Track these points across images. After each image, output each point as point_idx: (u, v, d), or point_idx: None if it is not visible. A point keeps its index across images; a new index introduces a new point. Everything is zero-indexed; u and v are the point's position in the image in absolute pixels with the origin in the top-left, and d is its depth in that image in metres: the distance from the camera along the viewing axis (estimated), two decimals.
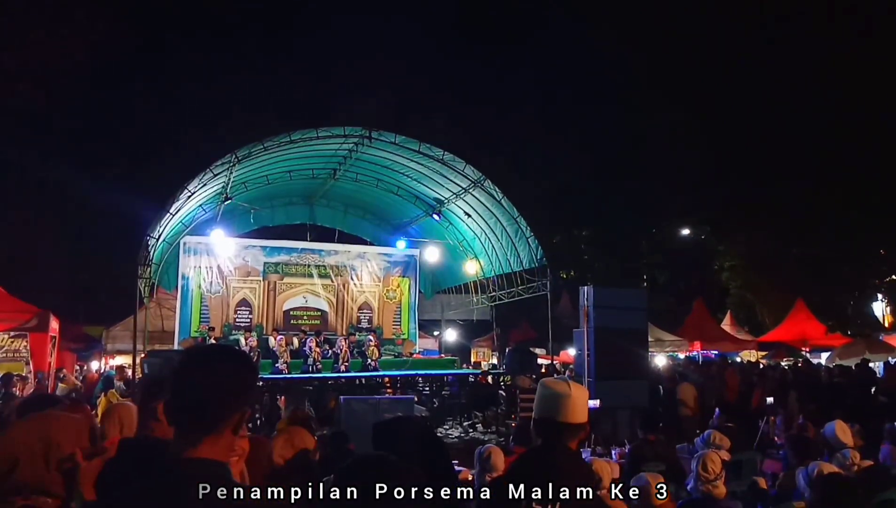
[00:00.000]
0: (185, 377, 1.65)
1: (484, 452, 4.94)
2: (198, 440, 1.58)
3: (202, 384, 1.62)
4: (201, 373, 1.65)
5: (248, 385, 1.71)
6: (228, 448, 1.65)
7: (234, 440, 1.66)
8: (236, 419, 1.64)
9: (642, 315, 12.14)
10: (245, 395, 1.69)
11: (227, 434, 1.63)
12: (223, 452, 1.62)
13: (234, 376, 1.67)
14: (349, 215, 20.75)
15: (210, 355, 1.78)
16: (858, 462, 4.95)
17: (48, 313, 13.76)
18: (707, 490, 4.19)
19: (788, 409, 11.46)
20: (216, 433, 1.60)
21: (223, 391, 1.62)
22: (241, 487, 1.60)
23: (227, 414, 1.62)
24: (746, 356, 23.13)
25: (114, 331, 17.58)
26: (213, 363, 1.69)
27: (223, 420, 1.61)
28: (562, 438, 2.42)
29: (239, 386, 1.67)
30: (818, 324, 23.08)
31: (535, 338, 21.12)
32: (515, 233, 17.20)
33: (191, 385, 1.63)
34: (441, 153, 15.87)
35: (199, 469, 1.56)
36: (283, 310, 18.47)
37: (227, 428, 1.62)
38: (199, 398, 1.60)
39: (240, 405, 1.65)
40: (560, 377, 2.67)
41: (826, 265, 30.54)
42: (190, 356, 1.74)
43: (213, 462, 1.59)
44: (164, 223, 14.53)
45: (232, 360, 1.73)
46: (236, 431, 1.65)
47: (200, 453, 1.58)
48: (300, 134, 14.43)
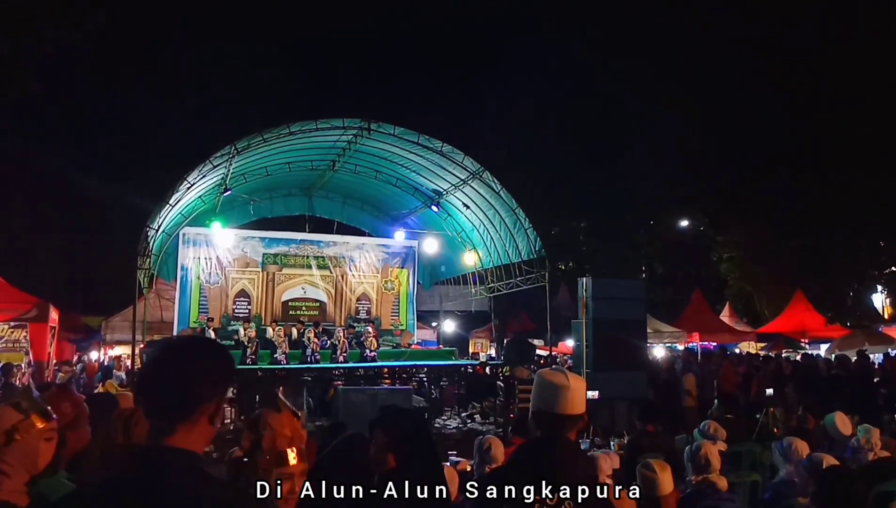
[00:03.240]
0: (159, 367, 1.66)
1: (484, 443, 4.94)
2: (172, 429, 1.58)
3: (176, 372, 1.63)
4: (175, 362, 1.66)
5: (221, 374, 1.71)
6: (204, 437, 1.65)
7: (211, 431, 1.67)
8: (212, 409, 1.64)
9: (641, 306, 12.17)
10: (219, 384, 1.69)
11: (203, 424, 1.63)
12: (198, 442, 1.63)
13: (207, 365, 1.67)
14: (348, 207, 20.72)
15: (183, 345, 1.80)
16: (879, 449, 4.95)
17: (48, 303, 13.78)
18: (708, 481, 4.19)
19: (787, 401, 11.49)
20: (190, 422, 1.60)
21: (196, 379, 1.63)
22: (213, 477, 1.61)
23: (201, 403, 1.62)
24: (745, 348, 23.18)
25: (113, 321, 17.59)
26: (186, 353, 1.70)
27: (197, 409, 1.61)
28: (561, 429, 2.40)
29: (212, 375, 1.67)
30: (817, 315, 23.11)
31: (533, 329, 21.13)
32: (514, 224, 17.17)
33: (164, 375, 1.63)
34: (440, 145, 15.83)
35: (171, 458, 1.57)
36: (282, 301, 18.47)
37: (203, 417, 1.63)
38: (172, 387, 1.61)
39: (214, 395, 1.65)
40: (557, 368, 2.66)
41: (825, 257, 30.51)
42: (163, 347, 1.75)
43: (187, 451, 1.59)
44: (164, 214, 14.51)
45: (205, 349, 1.75)
46: (213, 421, 1.66)
47: (174, 442, 1.58)
48: (299, 126, 14.38)
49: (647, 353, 14.33)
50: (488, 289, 20.26)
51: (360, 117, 15.23)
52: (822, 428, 5.99)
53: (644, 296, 12.52)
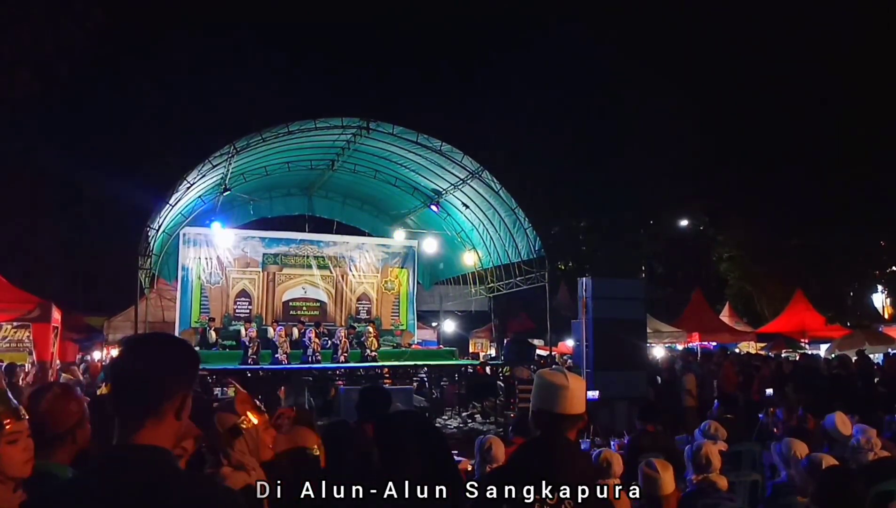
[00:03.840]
0: (123, 362, 1.67)
1: (485, 443, 4.95)
2: (139, 426, 1.59)
3: (140, 366, 1.64)
4: (138, 356, 1.67)
5: (185, 367, 1.72)
6: (172, 433, 1.66)
7: (178, 426, 1.67)
8: (177, 403, 1.65)
9: (641, 306, 12.15)
10: (183, 377, 1.70)
11: (170, 419, 1.64)
12: (166, 438, 1.63)
13: (171, 358, 1.69)
14: (347, 206, 20.74)
15: (146, 340, 1.82)
16: (878, 449, 4.95)
17: (50, 303, 13.77)
18: (709, 480, 4.20)
19: (787, 401, 11.48)
20: (157, 417, 1.61)
21: (160, 372, 1.64)
22: (183, 471, 1.62)
23: (165, 398, 1.62)
24: (745, 348, 23.17)
25: (115, 321, 17.59)
26: (149, 347, 1.72)
27: (162, 403, 1.62)
28: (561, 429, 2.42)
29: (176, 368, 1.69)
30: (817, 315, 23.10)
31: (533, 329, 21.12)
32: (513, 224, 17.19)
33: (128, 369, 1.64)
34: (439, 144, 15.84)
35: (140, 455, 1.58)
36: (283, 301, 18.49)
37: (169, 412, 1.63)
38: (136, 381, 1.62)
39: (179, 388, 1.66)
40: (557, 368, 2.67)
41: (825, 256, 30.53)
42: (127, 343, 1.76)
43: (156, 448, 1.60)
44: (164, 214, 14.54)
45: (169, 344, 1.76)
46: (179, 415, 1.66)
47: (142, 439, 1.59)
48: (298, 125, 14.41)
49: (647, 353, 14.32)
50: (488, 289, 20.27)
51: (359, 116, 15.26)
52: (821, 428, 5.99)
53: (644, 296, 12.50)
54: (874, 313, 29.08)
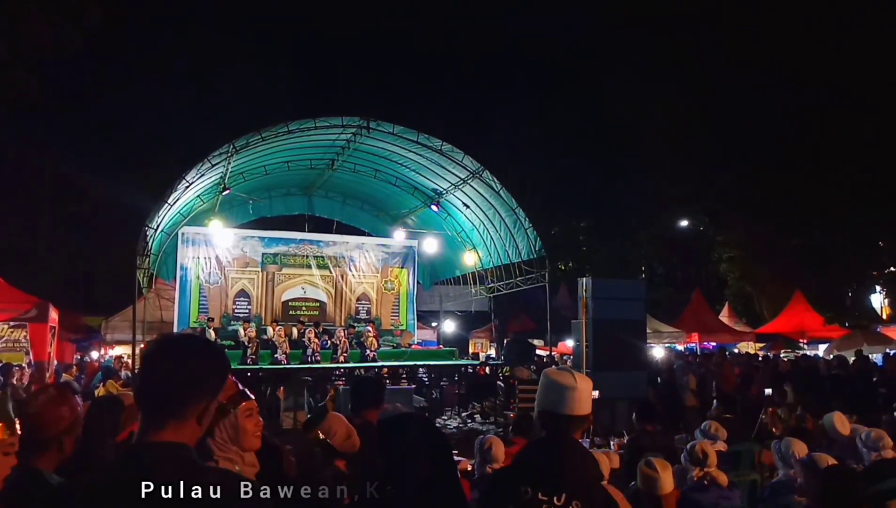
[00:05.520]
0: (153, 363, 1.67)
1: (485, 443, 4.95)
2: (163, 424, 1.60)
3: (168, 370, 1.64)
4: (168, 360, 1.67)
5: (213, 375, 1.72)
6: (193, 437, 1.66)
7: (199, 431, 1.68)
8: (201, 408, 1.66)
9: (641, 306, 12.15)
10: (209, 384, 1.70)
11: (192, 423, 1.64)
12: (186, 440, 1.64)
13: (199, 364, 1.69)
14: (347, 206, 20.72)
15: (178, 343, 1.81)
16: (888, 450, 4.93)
17: (48, 303, 13.75)
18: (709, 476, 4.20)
19: (785, 401, 11.49)
20: (180, 419, 1.62)
21: (188, 378, 1.64)
22: (205, 467, 1.63)
23: (191, 402, 1.63)
24: (744, 348, 23.19)
25: (113, 321, 17.59)
26: (180, 351, 1.71)
27: (186, 407, 1.63)
28: (567, 430, 2.39)
29: (204, 375, 1.68)
30: (816, 316, 23.13)
31: (533, 329, 21.12)
32: (514, 224, 17.17)
33: (157, 371, 1.65)
34: (439, 143, 15.81)
35: (162, 452, 1.58)
36: (282, 301, 18.47)
37: (192, 417, 1.64)
38: (163, 384, 1.63)
39: (204, 395, 1.66)
40: (563, 368, 2.65)
41: (825, 257, 30.53)
42: (159, 344, 1.75)
43: (177, 444, 1.60)
44: (163, 214, 14.49)
45: (199, 349, 1.75)
46: (201, 421, 1.66)
47: (165, 437, 1.60)
48: (298, 124, 14.36)
49: (647, 353, 14.32)
50: (488, 289, 20.25)
51: (359, 116, 15.20)
52: (820, 428, 5.99)
53: (644, 296, 12.49)
54: (873, 314, 29.07)
